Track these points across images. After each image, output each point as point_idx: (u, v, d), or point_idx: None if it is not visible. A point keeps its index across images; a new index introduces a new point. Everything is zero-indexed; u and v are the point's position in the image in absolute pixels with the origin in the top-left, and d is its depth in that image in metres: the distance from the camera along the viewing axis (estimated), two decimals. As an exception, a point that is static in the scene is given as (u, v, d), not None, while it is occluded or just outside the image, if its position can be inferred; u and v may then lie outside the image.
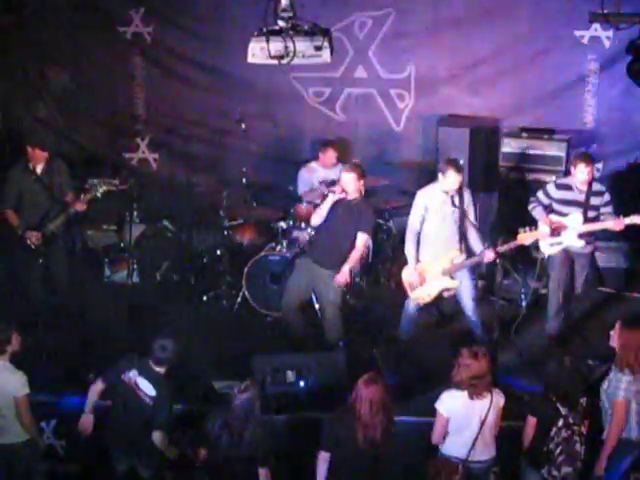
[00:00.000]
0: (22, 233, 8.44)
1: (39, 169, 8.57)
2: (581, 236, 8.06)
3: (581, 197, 8.04)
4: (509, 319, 8.80)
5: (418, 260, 8.07)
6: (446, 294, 8.41)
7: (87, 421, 6.61)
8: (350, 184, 7.91)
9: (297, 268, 8.31)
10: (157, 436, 6.34)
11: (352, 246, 7.97)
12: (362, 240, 8.01)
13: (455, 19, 10.08)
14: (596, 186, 8.08)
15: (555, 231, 8.08)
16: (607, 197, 8.07)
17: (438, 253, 8.01)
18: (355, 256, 8.00)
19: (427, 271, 8.05)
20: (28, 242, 8.43)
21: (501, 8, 10.02)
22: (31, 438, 6.55)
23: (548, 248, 8.20)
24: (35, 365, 6.79)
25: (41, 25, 10.43)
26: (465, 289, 8.09)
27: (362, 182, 8.00)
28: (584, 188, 8.03)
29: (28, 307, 8.55)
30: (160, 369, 6.43)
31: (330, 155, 9.84)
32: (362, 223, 7.97)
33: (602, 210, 8.04)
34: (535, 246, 8.34)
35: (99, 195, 8.54)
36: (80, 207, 8.55)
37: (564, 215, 8.07)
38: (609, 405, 6.33)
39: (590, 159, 8.12)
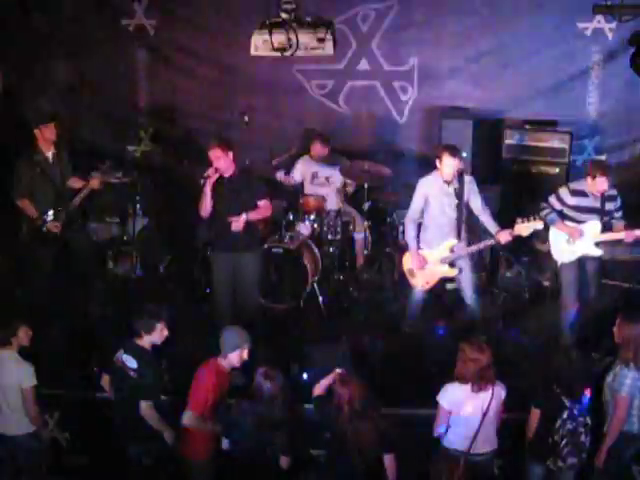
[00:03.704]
0: (42, 223, 8.46)
1: (50, 155, 8.60)
2: (598, 244, 7.95)
3: (597, 204, 7.91)
4: (511, 311, 8.84)
5: (419, 247, 8.11)
6: (449, 286, 8.42)
7: None
8: (219, 160, 7.81)
9: (216, 265, 8.26)
10: (142, 407, 6.42)
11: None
12: (263, 203, 8.04)
13: (458, 11, 10.05)
14: (610, 190, 7.93)
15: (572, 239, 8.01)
16: (619, 201, 7.96)
17: (438, 240, 8.05)
18: (255, 211, 7.98)
19: (426, 258, 8.08)
20: (45, 230, 8.47)
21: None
22: (36, 430, 6.58)
23: (561, 256, 8.11)
24: (38, 358, 6.79)
25: (44, 19, 10.44)
26: (465, 278, 8.09)
27: (232, 154, 7.89)
28: (599, 195, 7.89)
29: (35, 299, 8.59)
30: (141, 341, 6.54)
31: (317, 146, 9.87)
32: (254, 195, 8.01)
33: (615, 215, 7.95)
34: (537, 238, 8.31)
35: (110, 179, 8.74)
36: (95, 184, 8.61)
37: (579, 222, 7.95)
38: (612, 399, 6.34)
39: (610, 169, 7.95)
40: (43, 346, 7.54)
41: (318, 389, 6.26)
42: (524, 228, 7.75)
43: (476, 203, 7.99)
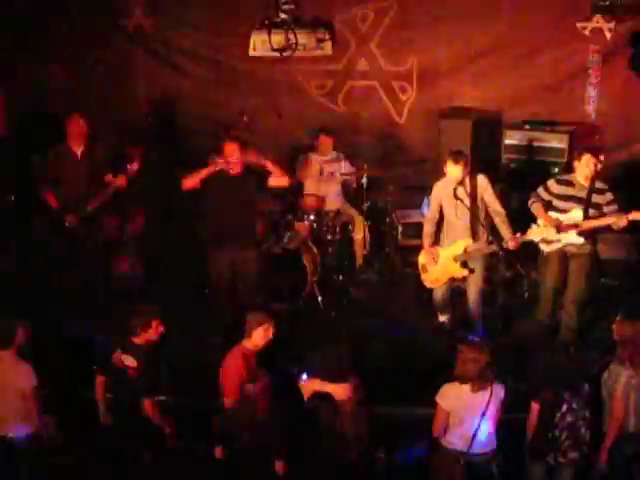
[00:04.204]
0: (61, 215, 8.61)
1: (79, 151, 8.71)
2: (581, 233, 7.93)
3: (582, 193, 7.89)
4: (512, 311, 8.84)
5: (435, 245, 8.21)
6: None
7: (106, 419, 6.75)
8: (234, 154, 8.00)
9: (214, 262, 8.33)
10: (145, 404, 6.42)
11: (252, 215, 8.29)
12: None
13: (457, 11, 10.06)
14: (599, 184, 7.90)
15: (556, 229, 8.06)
16: (610, 196, 7.88)
17: (453, 241, 8.10)
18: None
19: (440, 256, 8.15)
20: (67, 224, 8.61)
21: (504, -1, 10.04)
22: (35, 431, 6.56)
23: (546, 245, 8.14)
24: (36, 358, 6.78)
25: (42, 20, 10.44)
26: (474, 279, 8.09)
27: (245, 155, 8.12)
28: (586, 184, 7.87)
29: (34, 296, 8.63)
30: (138, 340, 6.53)
31: (323, 140, 9.88)
32: (256, 195, 8.23)
33: (605, 209, 7.86)
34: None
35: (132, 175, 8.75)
36: (121, 182, 8.72)
37: (564, 211, 7.94)
38: (608, 397, 6.34)
39: (597, 152, 7.96)
40: (41, 346, 7.56)
41: (307, 392, 6.19)
42: (536, 233, 7.79)
43: (490, 204, 8.01)
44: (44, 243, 8.88)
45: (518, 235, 7.82)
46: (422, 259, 8.35)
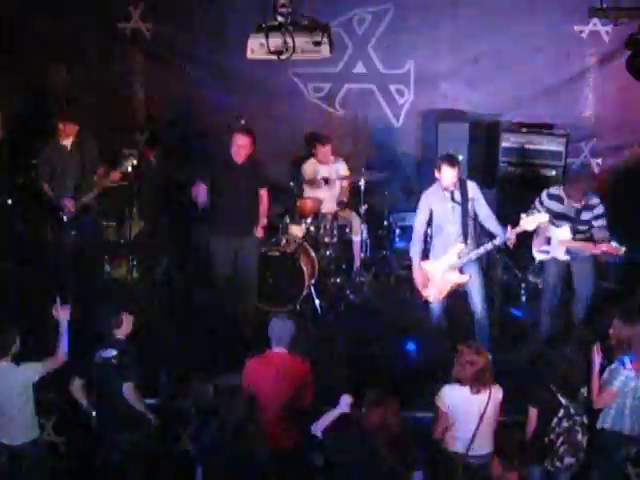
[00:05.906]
0: (57, 203, 8.84)
1: (68, 144, 8.93)
2: (569, 251, 8.06)
3: (571, 212, 7.98)
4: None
5: (427, 258, 8.08)
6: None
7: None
8: (242, 148, 8.28)
9: (216, 250, 8.49)
10: (125, 389, 6.42)
11: (256, 204, 8.50)
12: (264, 192, 8.60)
13: (454, 14, 10.07)
14: (591, 198, 7.96)
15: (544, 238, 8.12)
16: (599, 210, 7.94)
17: (446, 248, 7.99)
18: (266, 210, 8.62)
19: (436, 268, 8.03)
20: (61, 214, 8.81)
21: (500, 2, 10.02)
22: (37, 438, 6.54)
23: (537, 254, 8.26)
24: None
25: (41, 22, 10.43)
26: (475, 285, 8.03)
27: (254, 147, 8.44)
28: (577, 202, 7.94)
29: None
30: (116, 332, 6.56)
31: (321, 151, 9.88)
32: (258, 180, 8.51)
33: (594, 223, 7.94)
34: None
35: (130, 169, 8.89)
36: (115, 177, 8.90)
37: (555, 226, 8.03)
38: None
39: (581, 181, 8.09)
40: (40, 350, 7.55)
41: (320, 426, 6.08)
42: (529, 222, 7.76)
43: (481, 209, 7.95)
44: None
45: (509, 228, 7.77)
46: (417, 276, 8.14)
